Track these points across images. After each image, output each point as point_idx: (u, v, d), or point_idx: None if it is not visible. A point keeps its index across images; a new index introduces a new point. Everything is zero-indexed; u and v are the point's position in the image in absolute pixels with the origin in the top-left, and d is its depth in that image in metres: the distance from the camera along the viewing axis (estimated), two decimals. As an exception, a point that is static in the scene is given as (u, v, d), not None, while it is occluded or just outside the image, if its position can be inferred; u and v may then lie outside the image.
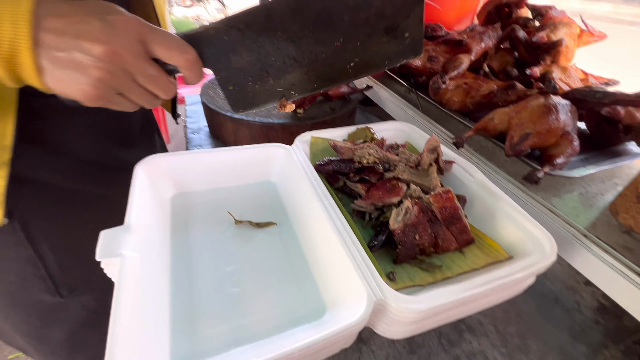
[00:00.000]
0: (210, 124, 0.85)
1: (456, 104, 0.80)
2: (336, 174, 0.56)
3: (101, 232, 0.37)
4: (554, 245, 0.42)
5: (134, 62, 0.33)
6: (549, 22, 0.88)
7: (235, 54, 0.38)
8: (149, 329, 0.32)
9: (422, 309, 0.33)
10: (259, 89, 0.41)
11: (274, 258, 0.46)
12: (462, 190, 0.55)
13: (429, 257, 0.46)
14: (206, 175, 0.55)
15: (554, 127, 0.60)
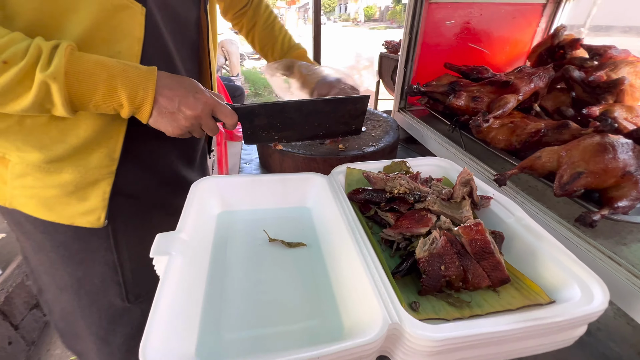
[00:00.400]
0: (261, 156, 0.95)
1: (501, 142, 0.78)
2: (368, 203, 0.58)
3: (157, 235, 0.43)
4: (605, 291, 0.38)
5: (205, 120, 0.55)
6: (608, 62, 0.84)
7: (257, 118, 0.64)
8: (182, 321, 0.37)
9: (439, 338, 0.32)
10: (265, 136, 0.67)
11: (301, 276, 0.48)
12: (500, 228, 0.52)
13: (458, 292, 0.44)
14: (249, 197, 0.61)
15: (612, 167, 0.55)
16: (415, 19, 1.01)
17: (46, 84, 0.42)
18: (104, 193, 0.57)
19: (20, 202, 0.57)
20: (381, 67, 3.20)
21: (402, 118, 1.13)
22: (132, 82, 0.47)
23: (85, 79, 0.44)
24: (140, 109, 0.49)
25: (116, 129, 0.55)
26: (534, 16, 1.14)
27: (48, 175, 0.54)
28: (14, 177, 0.54)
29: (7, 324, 1.37)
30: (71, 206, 0.57)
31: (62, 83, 0.42)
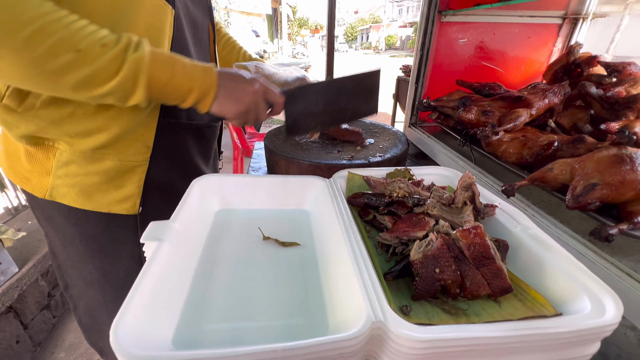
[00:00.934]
0: (268, 163, 0.96)
1: (512, 156, 0.75)
2: (367, 207, 0.57)
3: (151, 222, 0.44)
4: (619, 304, 0.34)
5: (260, 101, 0.60)
6: (628, 78, 0.81)
7: (297, 102, 0.68)
8: (162, 307, 0.36)
9: (425, 339, 0.30)
10: (303, 124, 0.72)
11: (291, 275, 0.46)
12: (506, 237, 0.49)
13: (456, 300, 0.41)
14: (249, 197, 0.62)
15: (630, 179, 0.51)
16: (427, 36, 1.03)
17: (135, 63, 0.46)
18: (139, 180, 0.62)
19: (60, 193, 0.59)
20: (398, 90, 3.24)
21: (413, 133, 1.12)
22: (199, 71, 0.53)
23: (165, 66, 0.50)
24: (206, 96, 0.55)
25: (151, 120, 0.61)
26: (549, 36, 1.14)
27: (92, 162, 0.58)
28: (60, 166, 0.57)
29: (17, 322, 1.40)
30: (109, 194, 0.61)
31: (147, 66, 0.47)
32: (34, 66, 0.42)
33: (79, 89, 0.45)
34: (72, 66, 0.43)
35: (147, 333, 0.32)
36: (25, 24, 0.39)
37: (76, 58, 0.43)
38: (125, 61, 0.46)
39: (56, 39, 0.41)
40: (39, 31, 0.40)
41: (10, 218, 1.73)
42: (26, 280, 1.41)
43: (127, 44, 0.47)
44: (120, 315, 0.31)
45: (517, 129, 0.80)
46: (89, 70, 0.44)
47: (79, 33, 0.43)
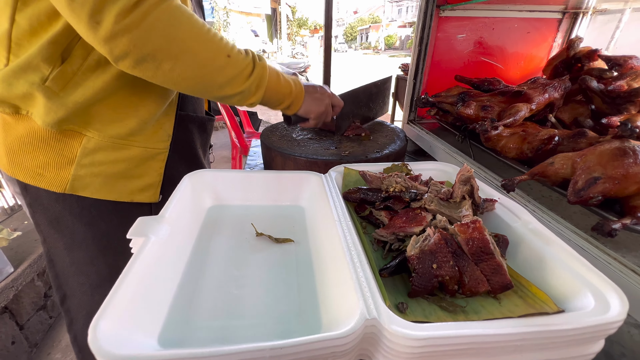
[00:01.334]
0: (265, 159, 0.95)
1: (512, 151, 0.74)
2: (363, 202, 0.55)
3: (139, 218, 0.42)
4: (624, 300, 0.33)
5: (330, 103, 0.74)
6: (629, 71, 0.79)
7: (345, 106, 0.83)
8: (147, 305, 0.34)
9: (420, 337, 0.28)
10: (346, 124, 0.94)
11: (283, 272, 0.45)
12: (506, 232, 0.47)
13: (454, 297, 0.39)
14: (243, 193, 0.60)
15: (633, 172, 0.50)
16: (425, 31, 1.01)
17: (261, 70, 0.57)
18: (159, 168, 0.65)
19: (83, 184, 0.59)
20: (397, 89, 3.23)
21: (411, 130, 1.10)
22: (292, 80, 0.65)
23: (275, 74, 0.61)
24: (298, 100, 0.67)
25: (172, 110, 0.66)
26: (549, 31, 1.12)
27: (119, 149, 0.59)
28: (86, 154, 0.57)
29: (13, 323, 1.39)
30: (132, 182, 0.63)
31: (267, 74, 0.59)
32: (202, 69, 0.51)
33: (223, 88, 0.54)
34: (224, 69, 0.53)
35: (130, 331, 0.31)
36: (202, 30, 0.49)
37: (227, 62, 0.53)
38: (255, 68, 0.56)
39: (218, 45, 0.51)
40: (207, 39, 0.50)
41: (6, 218, 1.71)
42: (22, 280, 1.39)
43: (253, 54, 0.57)
44: (100, 313, 0.29)
45: (516, 123, 0.78)
46: (234, 72, 0.54)
47: (225, 41, 0.53)
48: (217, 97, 0.56)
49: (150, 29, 0.44)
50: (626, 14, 1.06)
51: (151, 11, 0.44)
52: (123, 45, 0.44)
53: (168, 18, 0.45)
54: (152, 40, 0.45)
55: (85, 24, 0.42)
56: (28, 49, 0.49)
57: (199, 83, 0.52)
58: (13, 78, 0.51)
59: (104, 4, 0.41)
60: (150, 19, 0.44)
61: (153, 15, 0.44)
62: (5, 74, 0.51)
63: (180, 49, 0.48)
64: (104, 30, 0.42)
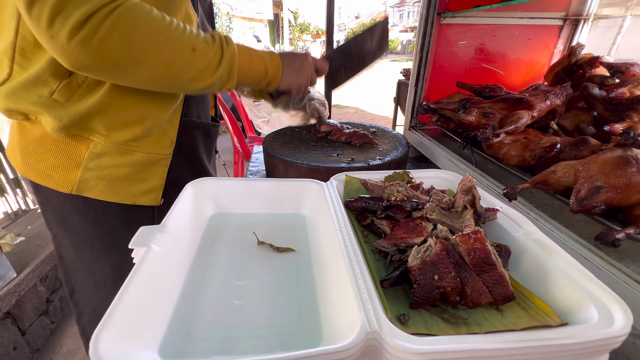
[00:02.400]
0: (267, 166, 0.95)
1: (514, 159, 0.73)
2: (364, 211, 0.55)
3: (140, 227, 0.43)
4: (628, 314, 0.32)
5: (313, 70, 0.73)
6: (631, 79, 0.79)
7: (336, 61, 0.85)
8: (148, 316, 0.35)
9: (422, 351, 0.28)
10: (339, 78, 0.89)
11: (284, 282, 0.45)
12: (508, 242, 0.47)
13: (456, 308, 0.39)
14: (245, 201, 0.60)
15: (636, 181, 0.50)
16: (426, 38, 1.02)
17: (230, 55, 0.56)
18: (162, 173, 0.66)
19: (88, 185, 0.61)
20: (399, 94, 3.24)
21: (413, 136, 1.11)
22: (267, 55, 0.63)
23: (247, 54, 0.60)
24: (276, 75, 0.65)
25: (176, 117, 0.67)
26: (550, 37, 1.12)
27: (123, 154, 0.61)
28: (92, 158, 0.59)
29: (15, 328, 1.39)
30: (135, 185, 0.64)
31: (237, 57, 0.57)
32: (167, 69, 0.50)
33: (193, 82, 0.54)
34: (193, 64, 0.52)
35: (131, 344, 0.31)
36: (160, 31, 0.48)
37: (194, 56, 0.51)
38: (224, 55, 0.55)
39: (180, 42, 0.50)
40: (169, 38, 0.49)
41: (9, 223, 1.72)
42: (24, 285, 1.40)
43: (221, 40, 0.55)
44: (102, 325, 0.29)
45: (518, 130, 0.78)
46: (202, 65, 0.53)
47: (189, 35, 0.51)
48: (191, 90, 0.56)
49: (105, 40, 0.43)
50: (627, 20, 1.06)
51: (103, 21, 0.42)
52: (81, 58, 0.44)
53: (123, 25, 0.44)
54: (110, 50, 0.44)
55: (43, 38, 0.43)
56: (32, 60, 0.51)
57: (168, 81, 0.52)
58: (23, 91, 0.53)
59: (56, 19, 0.41)
60: (103, 30, 0.43)
61: (106, 25, 0.43)
62: (15, 87, 0.53)
63: (141, 53, 0.47)
64: (59, 45, 0.43)
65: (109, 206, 0.64)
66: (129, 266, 0.66)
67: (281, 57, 0.66)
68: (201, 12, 0.71)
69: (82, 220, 0.64)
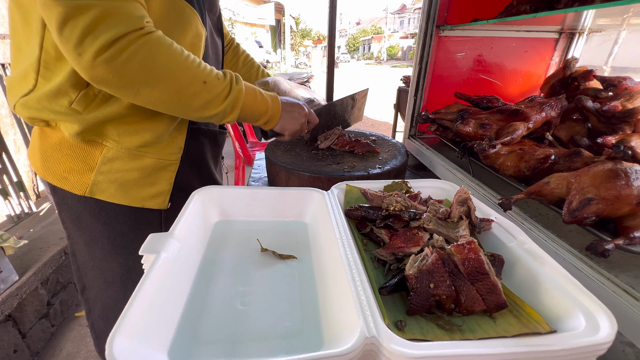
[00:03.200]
0: (269, 173, 0.97)
1: (510, 169, 0.76)
2: (364, 219, 0.57)
3: (150, 234, 0.45)
4: (613, 322, 0.34)
5: (306, 121, 0.78)
6: (623, 92, 0.81)
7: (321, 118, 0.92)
8: (158, 320, 0.36)
9: (417, 356, 0.30)
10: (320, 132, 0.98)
11: (286, 288, 0.47)
12: (502, 252, 0.49)
13: (451, 315, 0.41)
14: (248, 208, 0.62)
15: (625, 194, 0.52)
16: (425, 50, 1.04)
17: (237, 93, 0.62)
18: (170, 178, 0.69)
19: (100, 188, 0.65)
20: (399, 100, 3.27)
21: (412, 145, 1.13)
22: (270, 99, 0.70)
23: (252, 95, 0.66)
24: (274, 118, 0.71)
25: (183, 125, 0.71)
26: (546, 50, 1.15)
27: (134, 159, 0.64)
28: (104, 162, 0.64)
29: (15, 331, 1.40)
30: (144, 189, 0.67)
31: (244, 95, 0.63)
32: (178, 96, 0.56)
33: (198, 111, 0.59)
34: (201, 95, 0.57)
35: (143, 347, 0.32)
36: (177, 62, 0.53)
37: (203, 89, 0.57)
38: (231, 91, 0.61)
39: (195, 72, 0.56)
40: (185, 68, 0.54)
41: (12, 226, 1.74)
42: (26, 288, 1.41)
43: (231, 78, 0.62)
44: (116, 329, 0.31)
45: (514, 142, 0.80)
46: (210, 96, 0.58)
47: (203, 68, 0.57)
48: (194, 117, 0.61)
49: (127, 62, 0.49)
50: (621, 34, 1.09)
51: (128, 46, 0.48)
52: (102, 74, 0.49)
53: (146, 51, 0.50)
54: (129, 71, 0.50)
55: (70, 55, 0.48)
56: (55, 72, 0.55)
57: (175, 106, 0.57)
58: (46, 101, 0.57)
59: (86, 39, 0.46)
60: (127, 53, 0.48)
61: (130, 49, 0.48)
62: (39, 97, 0.57)
63: (157, 78, 0.53)
64: (85, 61, 0.47)
65: (119, 208, 0.67)
66: (137, 267, 0.70)
67: (282, 102, 0.72)
68: (210, 25, 0.74)
69: (94, 221, 0.68)
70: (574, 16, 0.98)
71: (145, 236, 0.67)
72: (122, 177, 0.65)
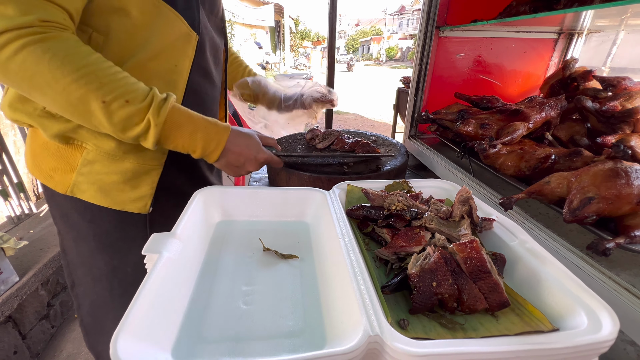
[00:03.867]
0: (269, 173, 0.97)
1: (510, 169, 0.76)
2: (366, 219, 0.57)
3: (152, 234, 0.45)
4: (615, 320, 0.34)
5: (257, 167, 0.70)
6: (623, 92, 0.82)
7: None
8: (161, 319, 0.36)
9: (421, 354, 0.30)
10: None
11: (289, 288, 0.47)
12: (503, 251, 0.49)
13: (453, 314, 0.41)
14: (250, 208, 0.62)
15: (625, 193, 0.52)
16: (425, 51, 1.05)
17: (149, 124, 0.54)
18: (152, 182, 0.67)
19: (81, 189, 0.64)
20: (399, 101, 3.28)
21: (412, 145, 1.13)
22: (209, 136, 0.61)
23: (176, 128, 0.57)
24: (210, 157, 0.63)
25: None
26: (545, 50, 1.16)
27: (114, 162, 0.63)
28: (85, 164, 0.63)
29: (15, 332, 1.40)
30: (125, 193, 0.66)
31: (160, 128, 0.54)
32: (68, 108, 0.50)
33: (105, 130, 0.53)
34: (99, 114, 0.51)
35: (147, 346, 0.32)
36: (70, 71, 0.47)
37: (102, 108, 0.50)
38: (144, 118, 0.53)
39: (90, 88, 0.49)
40: (79, 79, 0.48)
41: (12, 227, 1.74)
42: (26, 289, 1.41)
43: (149, 104, 0.53)
44: (120, 328, 0.31)
45: (514, 142, 0.81)
46: (113, 120, 0.51)
47: (111, 85, 0.50)
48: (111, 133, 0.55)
49: (6, 61, 0.45)
50: (620, 35, 1.09)
51: (7, 44, 0.44)
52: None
53: (28, 53, 0.45)
54: (10, 70, 0.46)
55: None
56: None
57: (79, 120, 0.53)
58: (19, 103, 0.58)
59: None
60: (7, 51, 0.44)
61: (8, 48, 0.44)
62: (12, 99, 0.58)
63: (42, 85, 0.48)
64: None
65: (103, 208, 0.67)
66: (122, 265, 0.71)
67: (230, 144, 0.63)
68: (210, 28, 0.73)
69: (80, 219, 0.68)
70: (573, 17, 0.99)
71: (130, 236, 0.69)
72: (102, 180, 0.64)
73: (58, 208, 0.70)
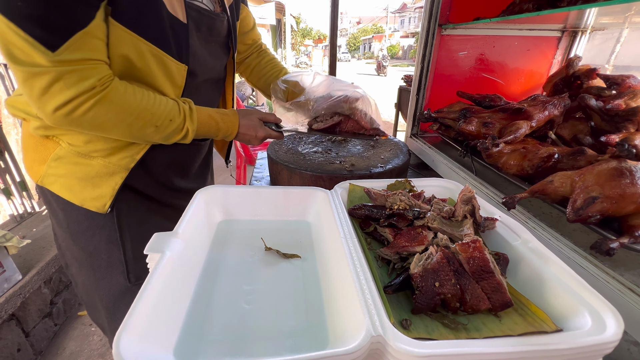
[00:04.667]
0: (271, 172, 0.97)
1: (513, 168, 0.75)
2: (368, 218, 0.57)
3: (155, 234, 0.45)
4: (620, 321, 0.34)
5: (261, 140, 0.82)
6: (627, 90, 0.81)
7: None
8: (164, 318, 0.36)
9: (423, 354, 0.30)
10: None
11: (291, 287, 0.47)
12: (506, 250, 0.49)
13: (456, 314, 0.41)
14: (252, 208, 0.62)
15: (630, 192, 0.52)
16: (427, 49, 1.04)
17: (187, 130, 0.68)
18: (115, 184, 0.69)
19: (49, 181, 0.69)
20: (400, 100, 3.27)
21: (414, 144, 1.13)
22: (226, 124, 0.75)
23: (205, 125, 0.72)
24: (229, 137, 0.78)
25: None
26: (549, 48, 1.15)
27: (82, 160, 0.67)
28: (55, 158, 0.67)
29: (19, 330, 1.40)
30: (86, 190, 0.69)
31: (195, 129, 0.69)
32: (132, 136, 0.64)
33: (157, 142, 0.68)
34: (154, 134, 0.65)
35: (150, 346, 0.32)
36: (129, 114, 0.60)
37: (155, 130, 0.64)
38: (183, 127, 0.67)
39: (146, 120, 0.62)
40: (137, 117, 0.61)
41: (15, 225, 1.74)
42: (29, 287, 1.41)
43: (184, 117, 0.67)
44: (122, 327, 0.31)
45: (517, 140, 0.80)
46: (163, 135, 0.66)
47: (158, 113, 0.63)
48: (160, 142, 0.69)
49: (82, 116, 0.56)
50: (624, 33, 1.08)
51: (81, 105, 0.55)
52: (61, 124, 0.57)
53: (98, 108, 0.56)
54: (85, 122, 0.57)
55: (34, 105, 0.54)
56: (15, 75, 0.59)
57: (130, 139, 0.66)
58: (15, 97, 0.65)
59: (43, 97, 0.52)
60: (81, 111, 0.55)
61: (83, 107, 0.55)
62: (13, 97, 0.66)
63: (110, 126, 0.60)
64: (45, 113, 0.55)
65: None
66: (96, 252, 0.75)
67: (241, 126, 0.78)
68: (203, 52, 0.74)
69: (57, 206, 0.73)
70: (576, 14, 0.98)
71: (99, 224, 0.73)
72: (67, 174, 0.68)
73: (43, 196, 0.75)
